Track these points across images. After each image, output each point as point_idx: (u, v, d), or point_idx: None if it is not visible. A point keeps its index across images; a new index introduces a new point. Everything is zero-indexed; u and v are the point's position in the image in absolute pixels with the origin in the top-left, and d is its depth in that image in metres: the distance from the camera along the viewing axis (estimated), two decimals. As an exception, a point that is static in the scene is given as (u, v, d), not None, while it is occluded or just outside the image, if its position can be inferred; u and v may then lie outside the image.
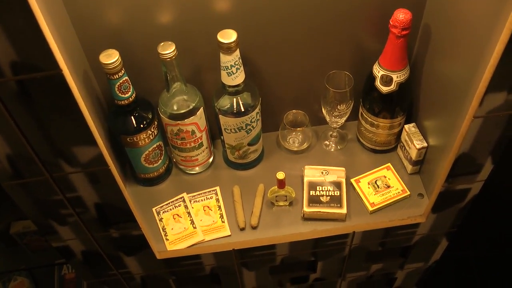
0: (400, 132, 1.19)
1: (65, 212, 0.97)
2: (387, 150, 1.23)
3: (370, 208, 1.14)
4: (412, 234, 1.21)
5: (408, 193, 1.15)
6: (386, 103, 1.12)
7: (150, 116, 1.09)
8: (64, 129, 0.83)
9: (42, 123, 0.82)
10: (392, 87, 1.08)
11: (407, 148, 1.17)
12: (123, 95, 1.03)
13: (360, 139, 1.24)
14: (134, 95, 1.05)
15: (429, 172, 1.13)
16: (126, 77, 1.01)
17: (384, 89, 1.09)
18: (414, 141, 1.12)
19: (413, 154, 1.14)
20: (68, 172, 0.91)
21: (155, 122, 1.11)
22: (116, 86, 1.01)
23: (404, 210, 1.14)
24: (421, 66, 1.10)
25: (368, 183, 1.17)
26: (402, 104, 1.14)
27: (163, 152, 1.19)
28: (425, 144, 1.11)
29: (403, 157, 1.21)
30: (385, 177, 1.18)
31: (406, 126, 1.15)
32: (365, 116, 1.17)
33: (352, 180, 1.19)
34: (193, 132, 1.13)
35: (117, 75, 1.00)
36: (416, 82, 1.13)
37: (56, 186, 0.92)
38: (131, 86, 1.03)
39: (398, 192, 1.15)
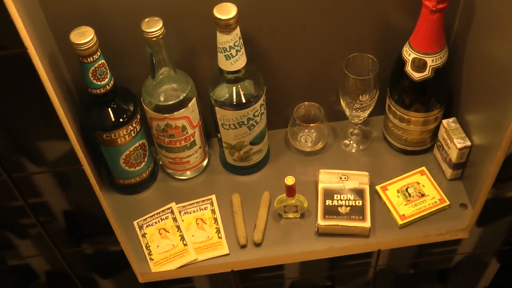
0: (437, 128, 1.19)
1: (26, 222, 0.96)
2: (420, 150, 1.23)
3: (400, 221, 1.14)
4: (452, 254, 1.21)
5: (447, 202, 1.15)
6: (419, 93, 1.12)
7: (131, 109, 1.10)
8: (28, 119, 0.84)
9: (1, 112, 0.82)
10: (426, 73, 1.08)
11: (445, 148, 1.17)
12: (99, 83, 1.03)
13: (388, 137, 1.24)
14: (112, 82, 1.05)
15: (473, 177, 1.13)
16: (103, 61, 1.01)
17: (417, 75, 1.09)
18: (454, 139, 1.12)
19: (453, 155, 1.14)
20: (32, 172, 0.90)
21: (138, 116, 1.12)
22: (90, 71, 1.01)
23: (442, 224, 1.14)
24: (463, 47, 1.09)
25: (398, 191, 1.18)
26: (439, 94, 1.13)
27: (147, 152, 1.19)
28: (468, 143, 1.11)
29: (440, 159, 1.21)
30: (418, 183, 1.18)
31: (444, 121, 1.15)
32: (393, 109, 1.17)
33: (378, 187, 1.19)
34: (183, 128, 1.13)
35: (91, 58, 0.99)
36: (457, 67, 1.12)
37: (15, 189, 0.91)
38: (108, 71, 1.03)
39: (435, 202, 1.16)
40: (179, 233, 1.17)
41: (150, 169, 1.22)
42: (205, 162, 1.25)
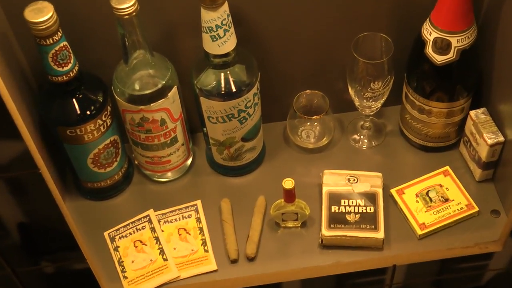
0: (464, 121, 1.19)
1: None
2: (444, 147, 1.23)
3: (419, 231, 1.14)
4: (482, 270, 1.21)
5: (476, 209, 1.15)
6: (442, 79, 1.12)
7: (100, 99, 1.10)
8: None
9: None
10: (451, 55, 1.08)
11: (473, 144, 1.17)
12: (61, 69, 1.03)
13: (405, 131, 1.24)
14: (76, 68, 1.05)
15: (506, 179, 1.13)
16: (65, 43, 1.02)
17: (439, 58, 1.09)
18: (484, 134, 1.12)
19: (483, 152, 1.14)
20: (-22, 179, 0.92)
21: (108, 108, 1.12)
22: (50, 55, 1.01)
23: (470, 234, 1.14)
24: (495, 25, 1.09)
25: (417, 195, 1.17)
26: (466, 81, 1.14)
27: (120, 151, 1.19)
28: (501, 138, 1.12)
29: (468, 158, 1.21)
30: (441, 186, 1.18)
31: (472, 113, 1.15)
32: (412, 98, 1.17)
33: (393, 191, 1.19)
34: (163, 121, 1.13)
35: (51, 40, 0.99)
36: (487, 49, 1.12)
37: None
38: (72, 55, 1.04)
39: (461, 208, 1.16)
40: (158, 245, 1.16)
41: (124, 171, 1.22)
42: (188, 162, 1.25)
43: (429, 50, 1.09)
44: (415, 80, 1.15)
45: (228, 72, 1.09)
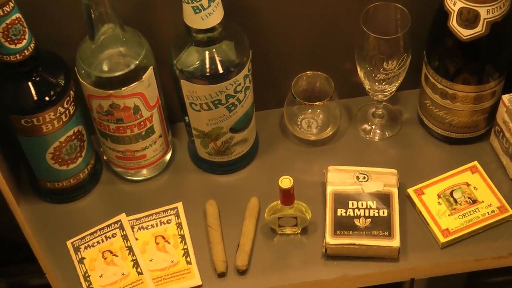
0: (495, 107, 1.19)
1: None
2: (471, 138, 1.24)
3: (442, 239, 1.14)
4: None
5: (510, 212, 1.16)
6: (469, 58, 1.13)
7: (61, 83, 1.10)
8: None
9: None
10: (479, 29, 1.08)
11: (507, 134, 1.17)
12: (13, 46, 1.03)
13: (424, 120, 1.25)
14: (32, 45, 1.05)
15: None
16: (18, 15, 1.02)
17: (465, 33, 1.09)
18: None
19: None
20: None
21: (71, 93, 1.12)
22: (0, 29, 1.01)
23: (502, 242, 1.15)
24: None
25: (439, 196, 1.18)
26: (497, 59, 1.14)
27: (85, 144, 1.19)
28: None
29: (500, 151, 1.22)
30: (468, 185, 1.19)
31: (505, 97, 1.16)
32: (433, 80, 1.17)
33: (411, 191, 1.19)
34: (136, 109, 1.13)
35: (0, 11, 0.99)
36: None
37: None
38: (27, 30, 1.04)
39: (492, 211, 1.16)
40: (132, 257, 1.16)
41: (90, 168, 1.23)
42: (167, 157, 1.26)
43: (454, 23, 1.09)
44: (436, 58, 1.16)
45: (214, 50, 1.09)
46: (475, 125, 1.21)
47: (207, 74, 1.09)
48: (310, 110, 1.25)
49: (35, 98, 1.08)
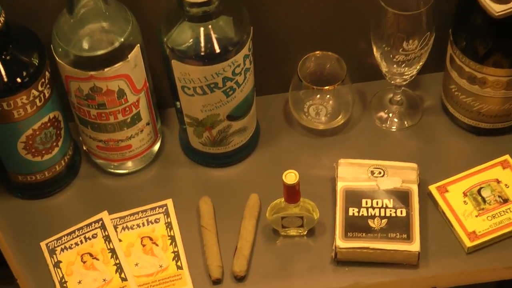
0: None
1: None
2: (503, 129, 1.25)
3: (468, 243, 1.14)
4: None
5: None
6: (502, 37, 1.13)
7: (35, 62, 1.11)
8: None
9: None
10: None
11: None
12: None
13: (449, 107, 1.25)
14: (2, 19, 1.05)
15: None
16: None
17: (498, 8, 1.08)
18: None
19: None
20: None
21: (46, 74, 1.12)
22: None
23: None
24: None
25: (465, 194, 1.18)
26: None
27: (62, 132, 1.19)
28: None
29: None
30: (498, 181, 1.19)
31: None
32: (459, 63, 1.17)
33: (433, 188, 1.19)
34: (121, 93, 1.13)
35: None
36: None
37: None
38: None
39: None
40: (115, 260, 1.16)
41: (68, 159, 1.23)
42: (155, 147, 1.26)
43: (484, -3, 1.09)
44: (464, 38, 1.16)
45: (210, 26, 1.09)
46: (507, 113, 1.21)
47: (202, 53, 1.09)
48: (318, 96, 1.25)
49: (5, 79, 1.08)
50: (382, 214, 1.14)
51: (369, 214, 1.15)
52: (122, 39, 1.09)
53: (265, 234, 1.17)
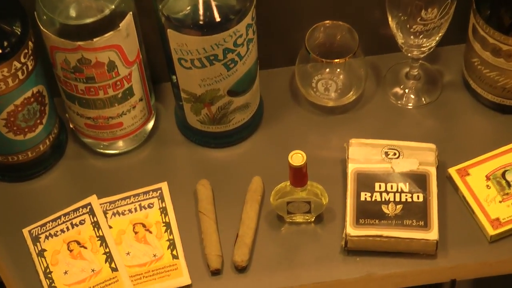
0: None
1: None
2: None
3: (491, 231, 1.15)
4: None
5: None
6: None
7: (17, 31, 1.11)
8: None
9: None
10: None
11: None
12: None
13: (471, 83, 1.25)
14: None
15: None
16: None
17: None
18: None
19: None
20: None
21: (29, 44, 1.12)
22: None
23: None
24: None
25: (488, 177, 1.18)
26: None
27: (47, 108, 1.19)
28: None
29: None
30: None
31: None
32: (483, 33, 1.17)
33: (452, 171, 1.19)
34: (111, 65, 1.13)
35: None
36: None
37: None
38: None
39: None
40: (104, 249, 1.16)
41: (53, 138, 1.23)
42: (149, 126, 1.27)
43: (510, -40, 1.09)
44: (488, 6, 1.16)
45: None
46: (535, 90, 1.19)
47: (201, 22, 1.09)
48: (328, 69, 1.25)
49: (-16, 50, 1.07)
50: (397, 199, 1.14)
51: (383, 199, 1.14)
52: (113, 6, 1.08)
53: (268, 220, 1.17)
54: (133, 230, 1.17)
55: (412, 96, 1.26)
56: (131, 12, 1.10)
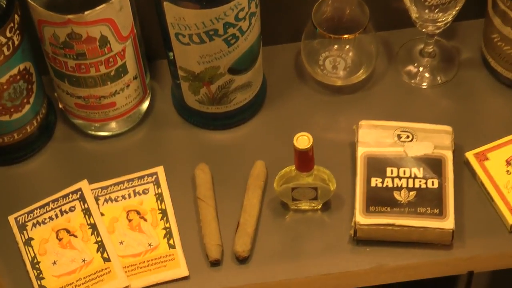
0: None
1: None
2: None
3: (511, 220, 1.13)
4: None
5: None
6: None
7: (2, 3, 1.11)
8: None
9: None
10: None
11: None
12: None
13: (490, 60, 1.26)
14: None
15: None
16: None
17: None
18: None
19: None
20: None
21: (15, 18, 1.13)
22: None
23: None
24: None
25: (508, 162, 1.18)
26: None
27: (35, 87, 1.19)
28: None
29: None
30: None
31: None
32: (503, 7, 1.18)
33: (470, 155, 1.20)
34: (104, 41, 1.13)
35: None
36: None
37: None
38: None
39: None
40: (96, 238, 1.16)
41: (41, 118, 1.23)
42: (144, 106, 1.27)
43: None
44: None
45: None
46: (559, 68, 1.21)
47: None
48: (336, 46, 1.25)
49: (-34, 23, 1.07)
50: (410, 185, 1.14)
51: (395, 185, 1.14)
52: (104, -23, 1.08)
53: (272, 208, 1.17)
54: (126, 217, 1.17)
55: (427, 75, 1.26)
56: (125, -17, 1.10)
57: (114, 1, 1.09)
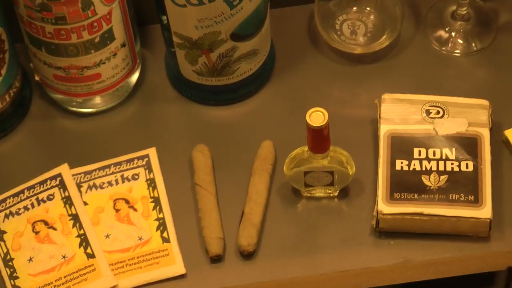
0: None
1: None
2: None
3: None
4: None
5: None
6: None
7: None
8: None
9: None
10: None
11: None
12: None
13: None
14: None
15: None
16: None
17: None
18: None
19: None
20: None
21: None
22: None
23: None
24: None
25: None
26: None
27: (7, 56, 1.20)
28: None
29: None
30: None
31: None
32: None
33: (509, 133, 1.20)
34: (87, 2, 1.13)
35: None
36: None
37: None
38: None
39: None
40: (78, 230, 1.16)
41: (14, 93, 1.24)
42: (134, 78, 1.28)
43: None
44: None
45: None
46: None
47: None
48: (355, 8, 1.27)
49: None
50: (441, 168, 1.14)
51: (423, 168, 1.14)
52: None
53: (281, 195, 1.17)
54: (113, 207, 1.17)
55: (460, 41, 1.26)
56: None
57: (98, -43, 1.09)
